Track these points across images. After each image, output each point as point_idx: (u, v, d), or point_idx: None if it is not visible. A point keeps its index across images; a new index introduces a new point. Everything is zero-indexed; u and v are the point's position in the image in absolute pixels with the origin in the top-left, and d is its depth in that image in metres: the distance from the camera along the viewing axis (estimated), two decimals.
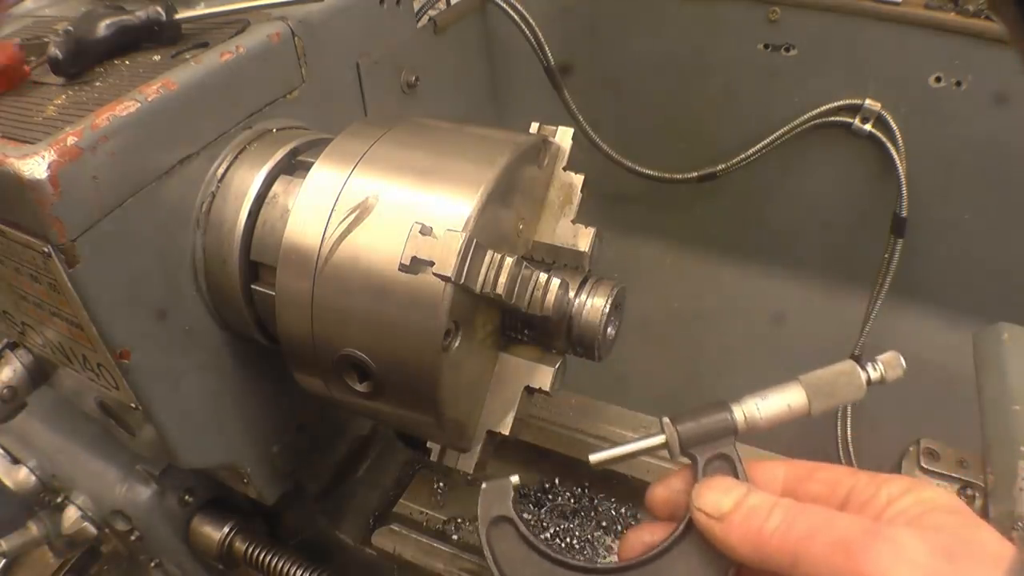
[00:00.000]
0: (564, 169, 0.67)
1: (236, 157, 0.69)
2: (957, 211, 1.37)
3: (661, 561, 0.46)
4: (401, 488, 0.95)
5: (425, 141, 0.65)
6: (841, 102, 1.34)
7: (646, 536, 0.50)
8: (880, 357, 0.48)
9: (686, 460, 0.49)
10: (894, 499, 0.41)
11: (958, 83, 1.24)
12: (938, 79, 1.26)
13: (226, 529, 0.94)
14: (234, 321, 0.71)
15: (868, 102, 1.32)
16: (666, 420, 0.48)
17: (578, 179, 0.66)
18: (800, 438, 0.51)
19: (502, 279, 0.55)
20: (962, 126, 1.27)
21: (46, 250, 0.57)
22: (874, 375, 0.48)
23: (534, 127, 0.67)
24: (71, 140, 0.56)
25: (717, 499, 0.45)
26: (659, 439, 0.48)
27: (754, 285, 1.62)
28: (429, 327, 0.54)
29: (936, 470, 0.70)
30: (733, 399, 0.49)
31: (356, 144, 0.62)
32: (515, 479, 0.47)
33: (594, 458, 0.48)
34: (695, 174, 1.49)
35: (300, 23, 0.75)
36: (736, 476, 0.47)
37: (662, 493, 0.50)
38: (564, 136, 0.67)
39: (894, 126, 1.31)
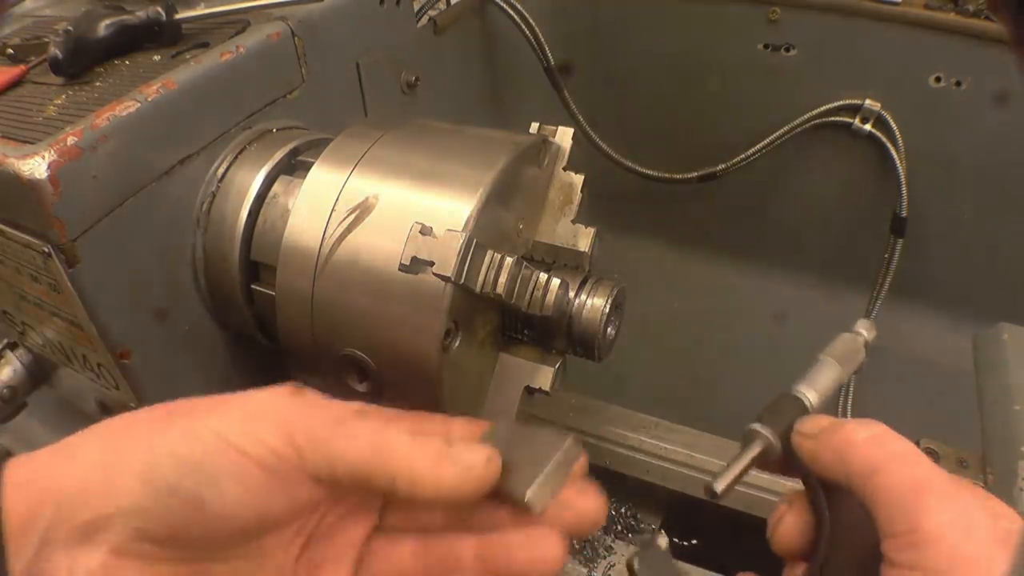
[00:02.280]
0: (564, 169, 0.67)
1: (236, 157, 0.69)
2: (957, 211, 1.37)
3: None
4: None
5: (425, 142, 0.65)
6: (841, 102, 1.34)
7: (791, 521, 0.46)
8: (855, 325, 0.54)
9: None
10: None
11: (958, 83, 1.24)
12: (938, 79, 1.26)
13: None
14: (234, 321, 0.71)
15: (868, 102, 1.32)
16: (757, 426, 0.47)
17: (578, 179, 0.66)
18: None
19: (502, 279, 0.55)
20: (962, 126, 1.27)
21: (46, 250, 0.57)
22: (861, 339, 0.53)
23: (534, 127, 0.67)
24: (71, 140, 0.56)
25: (816, 422, 0.45)
26: (758, 447, 0.47)
27: (754, 285, 1.62)
28: (429, 327, 0.54)
29: None
30: (756, 384, 0.51)
31: (356, 144, 0.62)
32: (664, 542, 0.44)
33: (719, 486, 0.45)
34: (695, 174, 1.49)
35: (300, 23, 0.75)
36: None
37: (787, 531, 0.46)
38: (564, 136, 0.67)
39: (894, 126, 1.31)
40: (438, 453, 0.38)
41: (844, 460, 0.42)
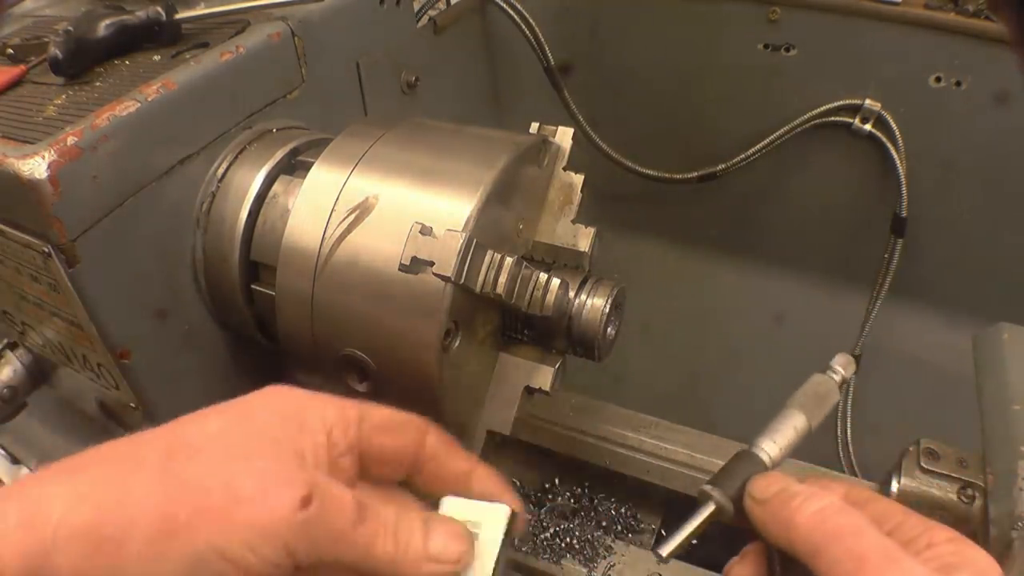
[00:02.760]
0: (564, 169, 0.67)
1: (236, 157, 0.69)
2: (957, 211, 1.36)
3: None
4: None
5: (425, 141, 0.65)
6: (841, 102, 1.34)
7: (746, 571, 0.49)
8: (833, 362, 0.53)
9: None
10: (934, 544, 0.42)
11: (958, 83, 1.24)
12: (938, 79, 1.26)
13: None
14: (234, 321, 0.71)
15: (868, 102, 1.32)
16: (708, 487, 0.48)
17: (578, 179, 0.66)
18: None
19: (502, 279, 0.55)
20: (962, 126, 1.27)
21: (46, 250, 0.57)
22: (837, 377, 0.53)
23: (534, 127, 0.67)
24: (71, 140, 0.56)
25: (766, 485, 0.46)
26: (710, 509, 0.48)
27: (754, 285, 1.62)
28: (429, 327, 0.54)
29: (936, 470, 0.70)
30: (745, 442, 0.51)
31: (356, 144, 0.62)
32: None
33: (665, 551, 0.47)
34: (695, 174, 1.49)
35: (300, 23, 0.75)
36: None
37: None
38: (564, 136, 0.67)
39: (894, 126, 1.31)
40: (420, 554, 0.43)
41: (789, 537, 0.43)
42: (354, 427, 0.45)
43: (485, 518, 0.47)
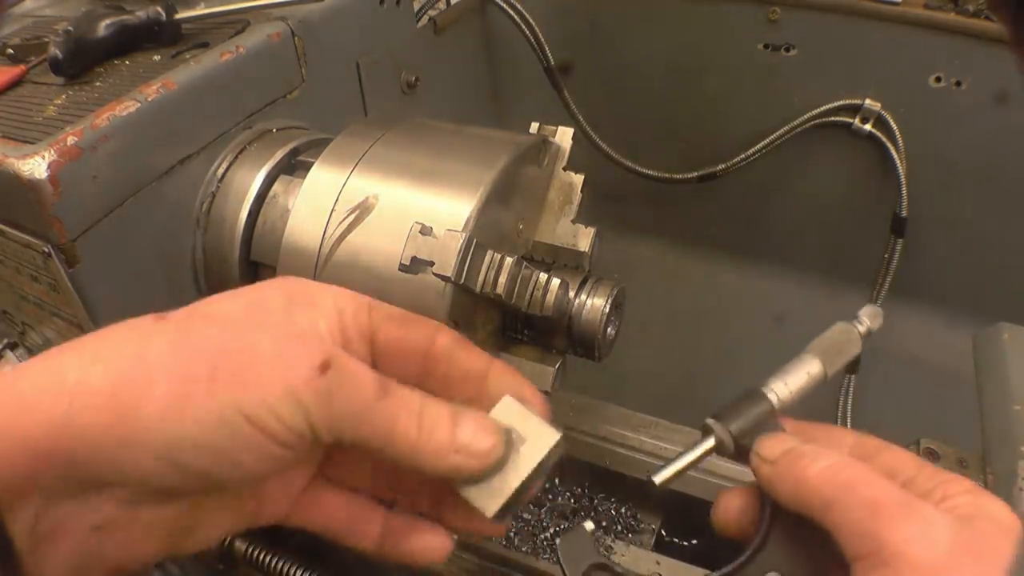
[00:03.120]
0: (564, 169, 0.67)
1: (236, 157, 0.69)
2: (957, 211, 1.37)
3: (758, 560, 0.45)
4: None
5: (425, 141, 0.65)
6: (841, 102, 1.34)
7: (736, 501, 0.49)
8: (860, 312, 0.53)
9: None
10: (950, 496, 0.40)
11: (958, 83, 1.24)
12: (938, 79, 1.26)
13: None
14: None
15: (868, 102, 1.32)
16: (711, 421, 0.48)
17: (578, 179, 0.66)
18: None
19: (502, 279, 0.55)
20: (962, 126, 1.27)
21: (46, 250, 0.57)
22: (862, 329, 0.52)
23: (534, 127, 0.67)
24: (71, 140, 0.56)
25: (774, 446, 0.45)
26: (710, 442, 0.48)
27: (754, 285, 1.62)
28: None
29: None
30: (757, 384, 0.50)
31: (356, 144, 0.62)
32: (589, 525, 0.46)
33: (659, 479, 0.47)
34: (695, 174, 1.49)
35: (300, 23, 0.75)
36: None
37: (730, 510, 0.49)
38: (564, 136, 0.67)
39: (894, 126, 1.31)
40: (445, 444, 0.40)
41: (800, 496, 0.42)
42: (365, 312, 0.43)
43: (532, 434, 0.43)
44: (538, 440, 0.43)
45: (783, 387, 0.49)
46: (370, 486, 0.47)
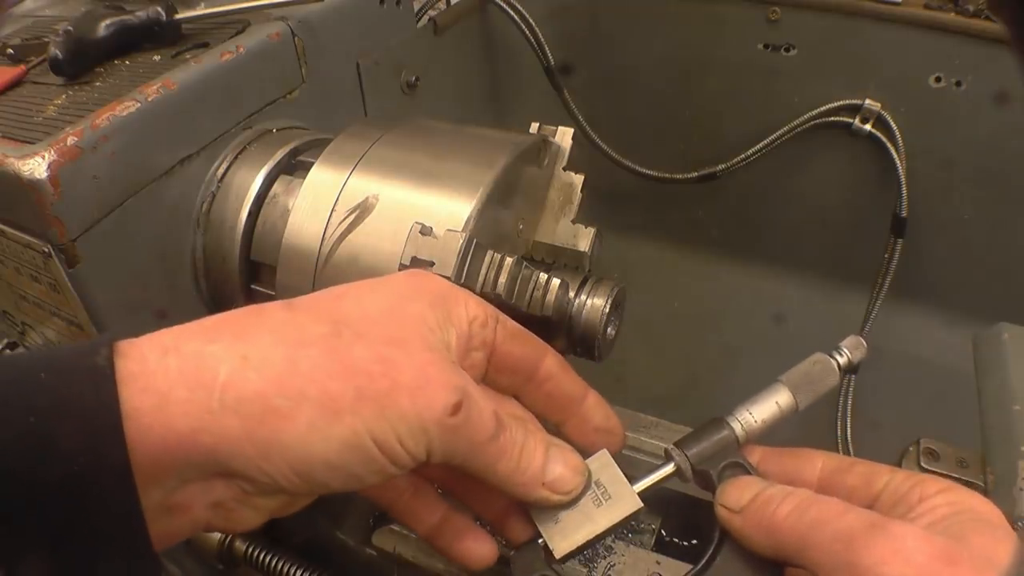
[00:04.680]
0: (564, 169, 0.67)
1: (236, 157, 0.69)
2: (957, 211, 1.36)
3: None
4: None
5: (425, 141, 0.65)
6: (841, 102, 1.34)
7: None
8: (842, 343, 0.52)
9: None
10: (926, 498, 0.40)
11: (958, 83, 1.24)
12: (938, 79, 1.26)
13: None
14: None
15: (868, 102, 1.32)
16: (671, 447, 0.49)
17: (578, 179, 0.66)
18: (800, 439, 0.51)
19: (502, 279, 0.55)
20: (962, 126, 1.27)
21: (46, 250, 0.57)
22: (842, 360, 0.51)
23: (534, 127, 0.67)
24: (71, 140, 0.56)
25: (739, 494, 0.45)
26: (670, 467, 0.49)
27: (754, 285, 1.62)
28: None
29: (936, 470, 0.70)
30: (725, 412, 0.50)
31: (356, 144, 0.62)
32: (541, 542, 0.48)
33: (637, 489, 0.48)
34: (695, 174, 1.49)
35: (300, 23, 0.75)
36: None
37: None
38: (564, 136, 0.67)
39: (894, 126, 1.31)
40: (536, 478, 0.44)
41: (775, 543, 0.42)
42: (492, 326, 0.46)
43: (616, 494, 0.46)
44: (620, 502, 0.46)
45: (748, 416, 0.49)
46: (442, 479, 0.50)
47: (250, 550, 0.93)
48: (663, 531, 0.86)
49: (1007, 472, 0.64)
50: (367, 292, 0.43)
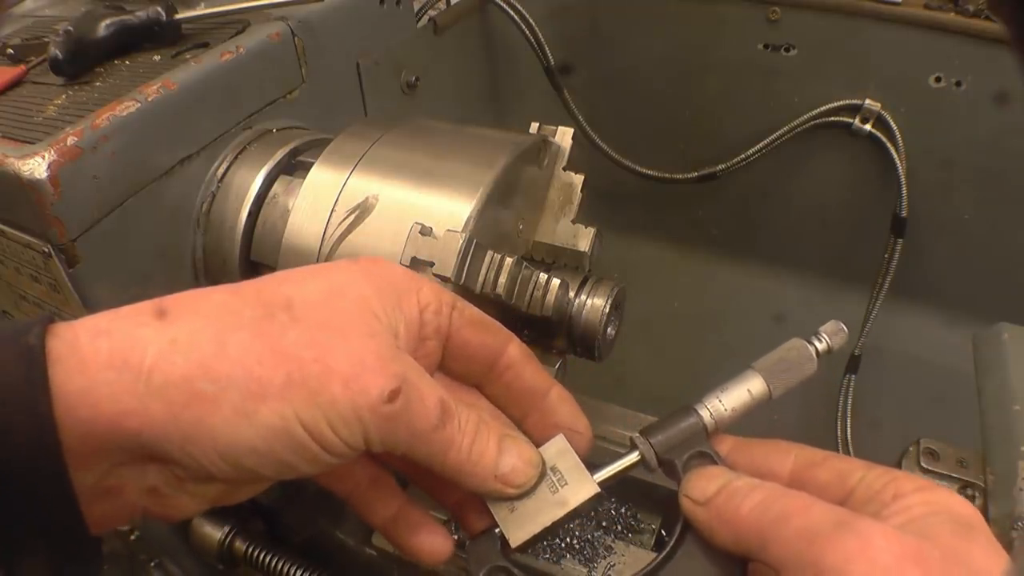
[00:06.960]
0: (564, 169, 0.67)
1: (236, 157, 0.69)
2: (957, 211, 1.37)
3: (664, 572, 0.45)
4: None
5: (425, 141, 0.65)
6: (841, 102, 1.34)
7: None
8: (822, 328, 0.49)
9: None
10: (901, 496, 0.39)
11: (958, 83, 1.24)
12: (938, 79, 1.26)
13: (226, 529, 0.94)
14: None
15: (868, 102, 1.32)
16: (636, 436, 0.47)
17: (578, 179, 0.66)
18: (801, 439, 0.51)
19: (502, 279, 0.55)
20: (962, 126, 1.27)
21: (46, 250, 0.57)
22: (821, 346, 0.48)
23: (534, 127, 0.67)
24: (71, 140, 0.56)
25: (704, 486, 0.43)
26: (634, 456, 0.47)
27: (754, 285, 1.62)
28: None
29: (936, 470, 0.70)
30: (695, 400, 0.49)
31: (356, 144, 0.62)
32: (498, 531, 0.47)
33: (597, 479, 0.47)
34: (695, 174, 1.49)
35: (300, 23, 0.75)
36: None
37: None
38: (564, 136, 0.67)
39: (894, 126, 1.31)
40: (489, 471, 0.43)
41: (738, 536, 0.40)
42: (447, 312, 0.44)
43: (573, 480, 0.45)
44: (578, 488, 0.45)
45: (717, 404, 0.47)
46: (402, 468, 0.49)
47: (250, 550, 0.93)
48: (663, 531, 0.86)
49: (1007, 472, 0.64)
50: (311, 277, 0.42)
